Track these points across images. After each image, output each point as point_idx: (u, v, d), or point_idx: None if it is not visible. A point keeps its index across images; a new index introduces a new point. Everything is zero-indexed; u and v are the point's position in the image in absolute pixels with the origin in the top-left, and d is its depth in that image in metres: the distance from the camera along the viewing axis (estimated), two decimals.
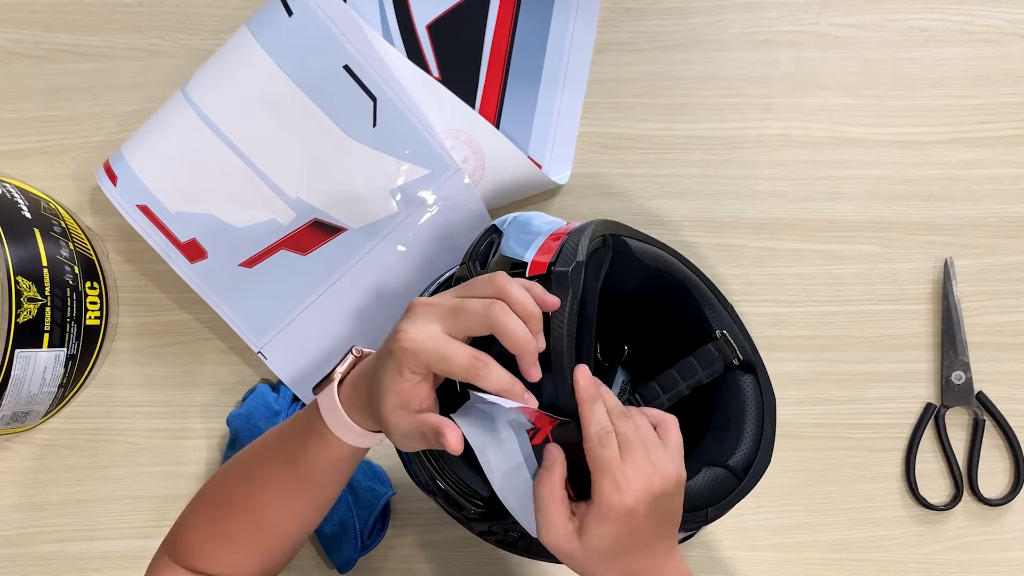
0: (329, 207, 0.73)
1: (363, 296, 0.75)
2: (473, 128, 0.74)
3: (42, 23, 0.78)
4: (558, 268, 0.54)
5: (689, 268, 0.64)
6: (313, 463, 0.57)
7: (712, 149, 0.78)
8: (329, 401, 0.56)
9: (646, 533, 0.53)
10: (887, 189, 0.78)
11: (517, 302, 0.51)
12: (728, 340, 0.63)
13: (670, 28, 0.78)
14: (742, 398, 0.63)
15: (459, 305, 0.51)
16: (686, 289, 0.64)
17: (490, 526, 0.60)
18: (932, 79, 0.78)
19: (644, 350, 0.69)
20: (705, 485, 0.60)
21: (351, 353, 0.58)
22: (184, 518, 0.63)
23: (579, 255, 0.55)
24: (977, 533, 0.78)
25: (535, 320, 0.51)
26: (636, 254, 0.62)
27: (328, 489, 0.60)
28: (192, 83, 0.73)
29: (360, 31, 0.71)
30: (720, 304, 0.64)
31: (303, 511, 0.60)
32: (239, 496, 0.60)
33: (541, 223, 0.61)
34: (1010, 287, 0.78)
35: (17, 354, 0.69)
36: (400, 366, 0.51)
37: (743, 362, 0.63)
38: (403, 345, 0.50)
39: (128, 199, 0.73)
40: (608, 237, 0.60)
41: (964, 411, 0.78)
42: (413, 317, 0.52)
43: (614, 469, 0.51)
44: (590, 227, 0.58)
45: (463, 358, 0.50)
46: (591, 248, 0.57)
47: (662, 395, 0.61)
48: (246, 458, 0.62)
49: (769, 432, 0.63)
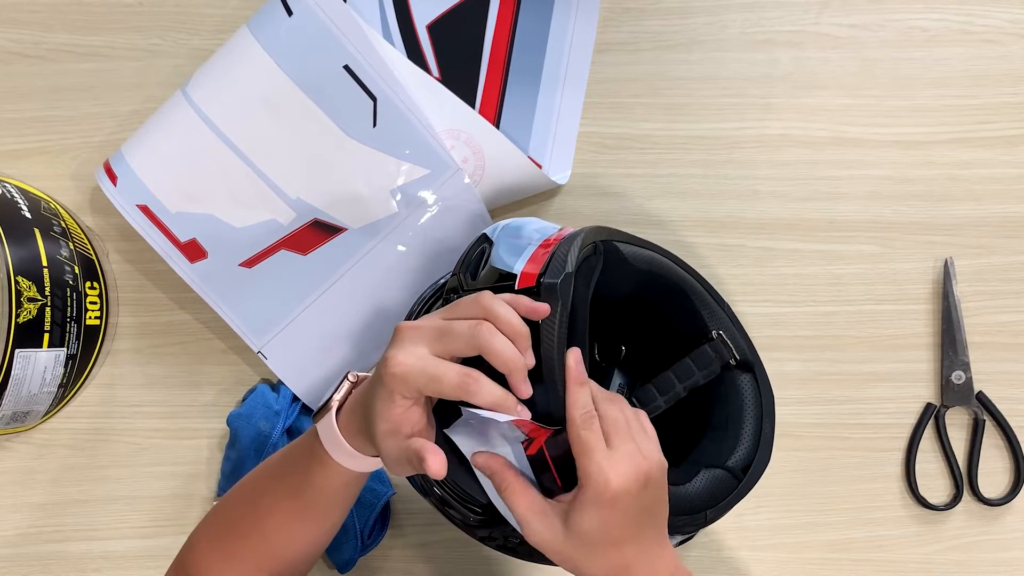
0: (329, 207, 0.73)
1: (363, 296, 0.75)
2: (473, 128, 0.74)
3: (42, 23, 0.78)
4: (547, 280, 0.54)
5: (684, 269, 0.64)
6: (317, 490, 0.58)
7: (712, 149, 0.78)
8: (328, 430, 0.56)
9: (634, 521, 0.52)
10: (887, 189, 0.78)
11: (504, 321, 0.51)
12: (724, 340, 0.63)
13: (670, 28, 0.78)
14: (740, 397, 0.63)
15: (445, 328, 0.51)
16: (681, 290, 0.64)
17: (491, 532, 0.60)
18: (932, 79, 0.78)
19: (641, 352, 0.69)
20: (703, 487, 0.60)
21: (347, 379, 0.58)
22: (192, 541, 0.63)
23: (568, 265, 0.54)
24: (977, 533, 0.78)
25: (523, 338, 0.51)
26: (628, 259, 0.62)
27: (334, 513, 0.60)
28: (192, 83, 0.73)
29: (360, 31, 0.71)
30: (716, 303, 0.64)
31: (311, 534, 0.60)
32: (246, 522, 0.60)
33: (532, 231, 0.61)
34: (1010, 287, 0.78)
35: (17, 354, 0.69)
36: (391, 393, 0.51)
37: (740, 361, 0.63)
38: (392, 371, 0.50)
39: (128, 199, 0.73)
40: (599, 244, 0.60)
41: (964, 411, 0.78)
42: (400, 342, 0.52)
43: (599, 452, 0.51)
44: (580, 235, 0.58)
45: (453, 376, 0.50)
46: (582, 256, 0.56)
47: (659, 398, 0.61)
48: (250, 485, 0.62)
49: (768, 431, 0.63)
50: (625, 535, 0.52)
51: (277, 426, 0.74)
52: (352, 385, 0.58)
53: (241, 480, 0.63)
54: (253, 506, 0.60)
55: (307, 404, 0.76)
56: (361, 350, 0.76)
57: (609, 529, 0.51)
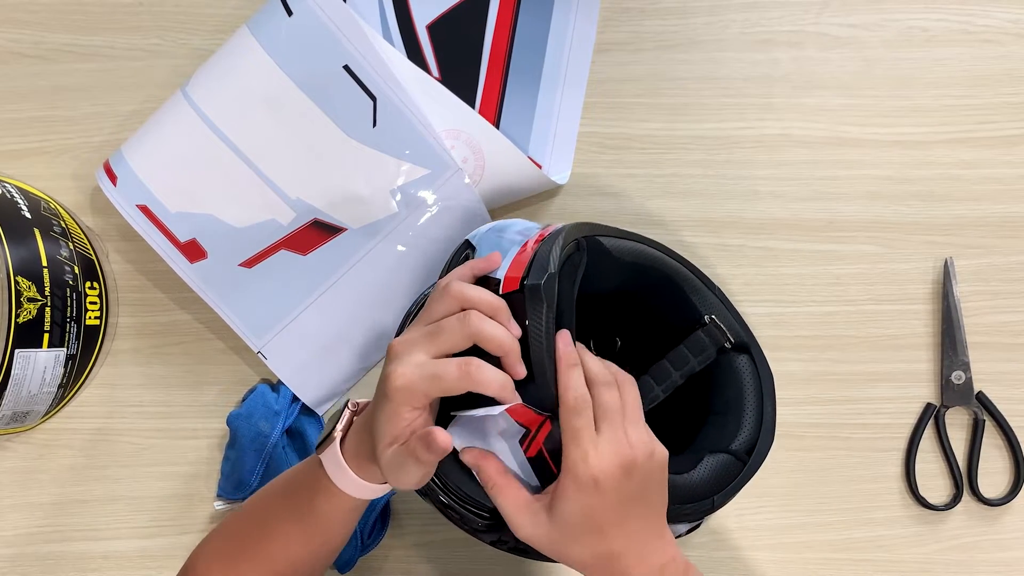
0: (329, 207, 0.73)
1: (363, 296, 0.75)
2: (473, 128, 0.74)
3: (42, 23, 0.78)
4: (530, 282, 0.54)
5: (671, 256, 0.64)
6: (322, 516, 0.58)
7: (712, 149, 0.78)
8: (333, 461, 0.56)
9: (617, 507, 0.52)
10: (887, 189, 0.78)
11: (481, 303, 0.52)
12: (718, 324, 0.62)
13: (670, 28, 0.78)
14: (739, 380, 0.63)
15: (435, 329, 0.52)
16: (669, 278, 0.63)
17: (500, 536, 0.60)
18: (932, 79, 0.78)
19: (637, 344, 0.69)
20: (708, 473, 0.59)
21: (347, 408, 0.58)
22: (198, 556, 0.63)
23: (551, 265, 0.54)
24: (977, 533, 0.78)
25: (503, 313, 0.52)
26: (612, 252, 0.61)
27: (339, 536, 0.61)
28: (192, 83, 0.73)
29: (360, 31, 0.71)
30: (707, 288, 0.64)
31: (316, 556, 0.61)
32: (252, 541, 0.61)
33: (514, 233, 0.61)
34: (1010, 287, 0.78)
35: (17, 354, 0.69)
36: (398, 407, 0.51)
37: (736, 343, 0.63)
38: (396, 384, 0.50)
39: (128, 199, 0.73)
40: (581, 240, 0.59)
41: (964, 411, 0.78)
42: (396, 357, 0.52)
43: (584, 438, 0.51)
44: (562, 233, 0.58)
45: (453, 369, 0.50)
46: (564, 255, 0.56)
47: (656, 387, 0.61)
48: (260, 506, 0.62)
49: (769, 411, 0.62)
50: (608, 521, 0.52)
51: (277, 426, 0.74)
52: (353, 413, 0.58)
53: (250, 499, 0.63)
54: (261, 527, 0.61)
55: (307, 404, 0.76)
56: (361, 350, 0.76)
57: (591, 515, 0.51)
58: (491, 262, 0.56)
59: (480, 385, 0.50)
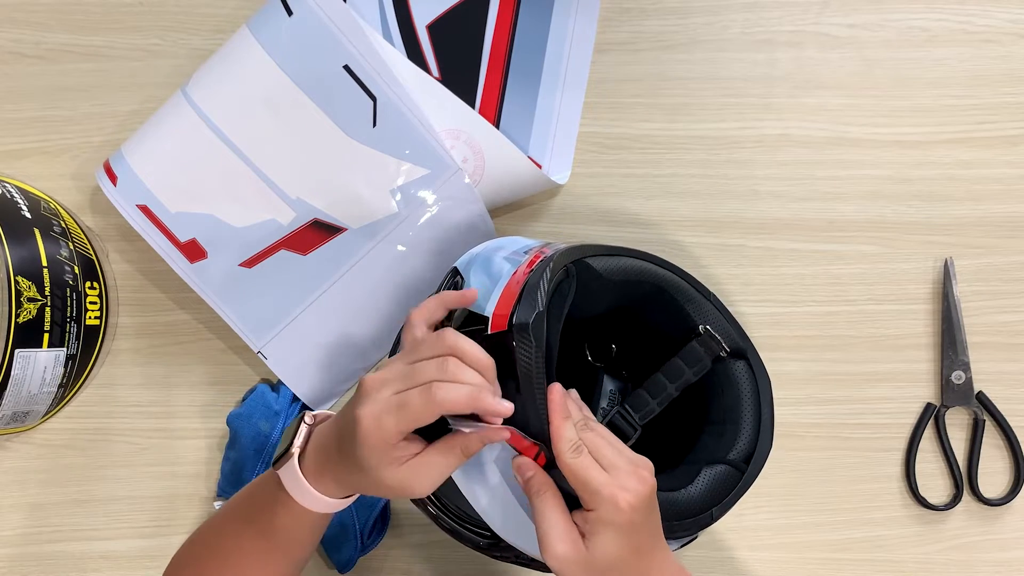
0: (329, 207, 0.73)
1: (363, 296, 0.75)
2: (473, 128, 0.74)
3: (42, 23, 0.78)
4: (519, 320, 0.53)
5: (663, 267, 0.63)
6: (284, 531, 0.57)
7: (712, 149, 0.78)
8: (292, 476, 0.55)
9: (648, 533, 0.53)
10: (887, 189, 0.78)
11: (470, 355, 0.51)
12: (712, 334, 0.62)
13: (670, 28, 0.78)
14: (736, 387, 0.62)
15: (409, 371, 0.51)
16: (662, 290, 0.63)
17: (503, 552, 0.60)
18: (932, 79, 0.78)
19: (633, 355, 0.69)
20: (705, 487, 0.59)
21: (304, 423, 0.57)
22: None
23: (539, 303, 0.54)
24: (977, 533, 0.78)
25: (490, 370, 0.52)
26: (603, 274, 0.61)
27: (303, 550, 0.60)
28: (192, 83, 0.73)
29: (360, 31, 0.71)
30: (701, 296, 0.63)
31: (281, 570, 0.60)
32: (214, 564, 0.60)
33: (501, 260, 0.59)
34: (1010, 287, 0.78)
35: (17, 354, 0.69)
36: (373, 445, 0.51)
37: (732, 350, 0.62)
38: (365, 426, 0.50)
39: (128, 199, 0.73)
40: (570, 266, 0.59)
41: (964, 411, 0.78)
42: (363, 397, 0.52)
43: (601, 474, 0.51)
44: (549, 264, 0.57)
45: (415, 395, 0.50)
46: (553, 286, 0.56)
47: (651, 401, 0.61)
48: (215, 530, 0.61)
49: (767, 416, 0.62)
50: (640, 547, 0.52)
51: (277, 426, 0.74)
52: (310, 428, 0.57)
53: (207, 522, 0.62)
54: (217, 551, 0.60)
55: (307, 404, 0.76)
56: (361, 350, 0.76)
57: (632, 546, 0.51)
58: (465, 298, 0.56)
59: (446, 404, 0.49)
